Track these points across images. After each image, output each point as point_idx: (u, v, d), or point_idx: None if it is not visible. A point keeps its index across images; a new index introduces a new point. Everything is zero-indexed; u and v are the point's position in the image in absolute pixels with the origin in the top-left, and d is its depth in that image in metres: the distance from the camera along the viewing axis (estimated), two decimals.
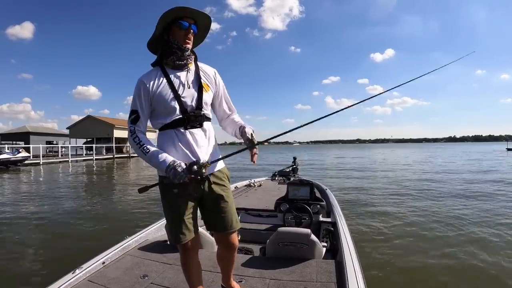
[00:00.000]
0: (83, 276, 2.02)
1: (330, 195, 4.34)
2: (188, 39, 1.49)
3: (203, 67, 1.61)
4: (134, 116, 1.48)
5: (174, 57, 1.49)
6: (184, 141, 1.47)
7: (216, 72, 1.65)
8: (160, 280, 2.04)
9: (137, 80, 1.50)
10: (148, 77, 1.48)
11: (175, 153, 1.46)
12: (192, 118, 1.48)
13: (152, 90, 1.46)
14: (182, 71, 1.52)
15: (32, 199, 9.42)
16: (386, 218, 6.30)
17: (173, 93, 1.46)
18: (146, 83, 1.47)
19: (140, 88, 1.47)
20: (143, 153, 1.46)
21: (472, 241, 4.81)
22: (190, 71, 1.54)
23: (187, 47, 1.49)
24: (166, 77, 1.48)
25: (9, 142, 36.60)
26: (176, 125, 1.48)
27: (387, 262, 3.98)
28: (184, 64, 1.51)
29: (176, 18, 1.45)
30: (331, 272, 2.06)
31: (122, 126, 41.93)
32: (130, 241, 2.63)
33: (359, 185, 11.71)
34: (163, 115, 1.49)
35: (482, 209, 6.98)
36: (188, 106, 1.49)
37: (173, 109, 1.46)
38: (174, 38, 1.48)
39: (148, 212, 7.25)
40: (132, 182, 14.06)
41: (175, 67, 1.51)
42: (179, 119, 1.47)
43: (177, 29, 1.47)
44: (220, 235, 1.64)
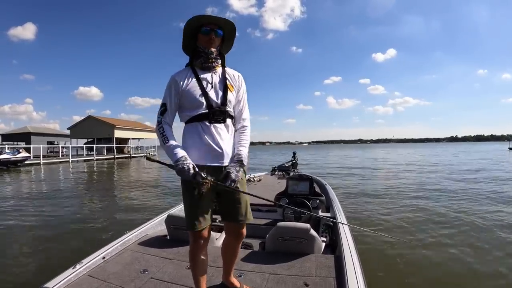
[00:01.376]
0: (84, 271, 2.04)
1: (329, 190, 4.33)
2: (211, 43, 1.64)
3: (229, 70, 1.76)
4: (163, 108, 1.63)
5: (201, 60, 1.65)
6: (209, 133, 1.60)
7: (241, 76, 1.79)
8: (160, 275, 2.05)
9: (170, 77, 1.66)
10: (179, 75, 1.65)
11: (199, 143, 1.60)
12: (217, 113, 1.62)
13: (182, 86, 1.62)
14: (209, 72, 1.67)
15: (31, 198, 9.43)
16: (386, 213, 6.31)
17: (201, 90, 1.61)
18: (177, 80, 1.63)
19: (172, 84, 1.63)
20: (163, 142, 1.58)
21: (471, 238, 4.82)
22: (216, 72, 1.70)
23: (211, 50, 1.64)
24: (195, 76, 1.64)
25: (10, 142, 36.61)
26: (202, 118, 1.61)
27: (386, 256, 3.99)
28: (211, 66, 1.67)
29: (200, 25, 1.62)
30: (330, 267, 2.08)
31: (123, 126, 41.95)
32: (130, 236, 2.66)
33: (359, 181, 11.81)
34: (191, 109, 1.62)
35: (483, 209, 6.91)
36: (214, 102, 1.62)
37: (200, 104, 1.60)
38: (199, 43, 1.66)
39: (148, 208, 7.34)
40: (132, 182, 14.03)
41: (203, 69, 1.67)
42: (205, 113, 1.61)
43: (201, 35, 1.64)
44: (232, 225, 1.74)
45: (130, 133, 43.41)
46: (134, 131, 44.87)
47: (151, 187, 12.12)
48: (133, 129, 44.56)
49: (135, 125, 47.07)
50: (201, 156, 1.60)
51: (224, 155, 1.63)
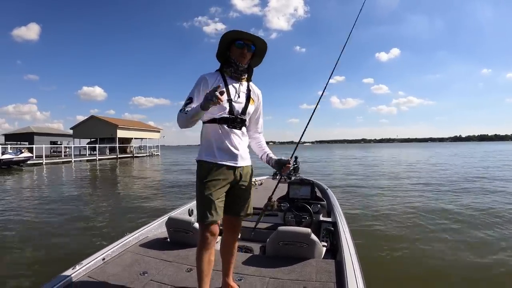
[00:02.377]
0: (83, 272, 2.05)
1: (330, 195, 4.33)
2: (243, 56, 1.76)
3: (253, 86, 1.90)
4: (188, 101, 1.70)
5: (232, 69, 1.78)
6: (228, 136, 1.74)
7: (261, 94, 1.95)
8: (160, 277, 2.05)
9: (199, 76, 1.78)
10: (210, 76, 1.76)
11: (219, 143, 1.73)
12: (237, 120, 1.76)
13: (211, 85, 1.69)
14: (237, 82, 1.80)
15: (32, 198, 9.37)
16: (387, 218, 6.22)
17: (227, 96, 1.72)
18: (207, 79, 1.74)
19: (201, 82, 1.74)
20: (185, 113, 1.63)
21: (475, 242, 4.71)
22: (243, 84, 1.82)
23: (242, 63, 1.78)
24: (225, 81, 1.76)
25: (13, 142, 36.70)
26: (222, 121, 1.73)
27: (387, 262, 3.97)
28: (239, 77, 1.79)
29: (235, 39, 1.74)
30: (331, 272, 2.08)
31: (126, 126, 41.92)
32: (130, 238, 2.65)
33: (361, 184, 11.54)
34: (215, 111, 1.70)
35: (491, 210, 6.73)
36: (235, 110, 1.75)
37: (223, 108, 1.71)
38: (232, 54, 1.77)
39: (149, 210, 7.34)
40: (134, 182, 13.92)
41: (232, 78, 1.79)
42: (226, 118, 1.73)
43: (234, 48, 1.76)
44: (231, 219, 1.86)
45: (133, 133, 43.39)
46: (137, 131, 44.84)
47: (153, 187, 11.99)
48: (136, 129, 44.52)
49: (138, 125, 47.06)
50: (219, 155, 1.73)
51: (239, 156, 1.77)
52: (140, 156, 39.88)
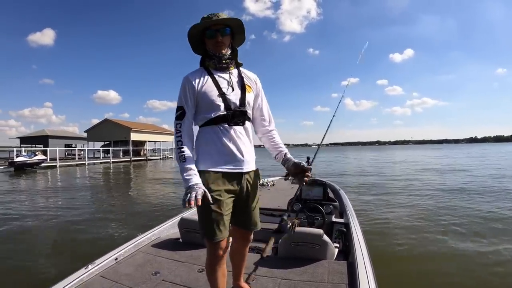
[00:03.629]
0: (96, 271, 2.04)
1: (343, 196, 4.30)
2: (220, 45, 1.51)
3: (245, 71, 1.65)
4: (180, 112, 1.50)
5: (214, 61, 1.54)
6: (228, 136, 1.49)
7: (257, 78, 1.68)
8: (172, 278, 2.05)
9: (183, 78, 1.55)
10: (194, 75, 1.54)
11: (218, 147, 1.49)
12: (237, 114, 1.51)
13: (197, 86, 1.50)
14: (225, 73, 1.56)
15: (46, 200, 9.34)
16: (400, 220, 6.06)
17: (218, 91, 1.50)
18: (191, 80, 1.51)
19: (186, 85, 1.52)
20: (179, 159, 1.45)
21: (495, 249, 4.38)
22: (232, 73, 1.58)
23: (222, 52, 1.53)
24: (211, 76, 1.53)
25: (28, 145, 37.17)
26: (220, 121, 1.49)
27: (400, 264, 3.91)
28: (226, 66, 1.55)
29: (204, 28, 1.51)
30: (343, 273, 2.06)
31: (139, 129, 41.96)
32: (143, 238, 2.66)
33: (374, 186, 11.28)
34: (208, 111, 1.50)
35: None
36: (232, 104, 1.51)
37: (217, 106, 1.49)
38: (208, 47, 1.54)
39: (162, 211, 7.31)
40: (148, 184, 13.72)
41: (218, 69, 1.55)
42: (223, 115, 1.49)
43: (207, 39, 1.53)
44: (242, 232, 1.67)
45: (146, 135, 43.39)
46: (150, 134, 44.83)
47: (167, 189, 11.71)
48: (149, 132, 44.50)
49: (151, 128, 47.09)
50: (220, 161, 1.49)
51: (244, 160, 1.53)
52: (154, 159, 39.75)
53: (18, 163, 21.67)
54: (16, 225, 6.07)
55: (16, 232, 5.58)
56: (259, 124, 1.70)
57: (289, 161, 1.60)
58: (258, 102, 1.66)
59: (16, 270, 3.80)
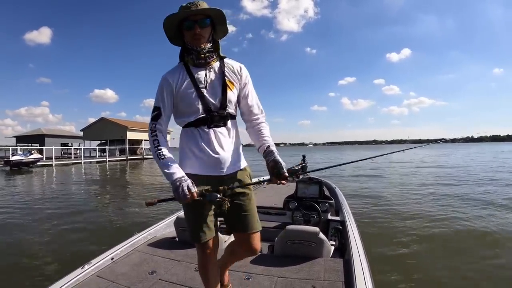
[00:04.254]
0: (92, 271, 2.04)
1: (339, 194, 4.32)
2: (198, 38, 1.40)
3: (229, 63, 1.53)
4: (156, 113, 1.46)
5: (193, 56, 1.44)
6: (207, 139, 1.44)
7: (243, 67, 1.55)
8: (168, 277, 2.05)
9: (161, 77, 1.48)
10: (172, 75, 1.46)
11: (197, 151, 1.44)
12: (216, 118, 1.44)
13: (175, 87, 1.44)
14: (204, 69, 1.46)
15: (41, 199, 9.30)
16: (396, 217, 6.14)
17: (196, 92, 1.43)
18: (169, 80, 1.45)
19: (163, 86, 1.45)
20: (157, 157, 1.40)
21: (487, 242, 4.60)
22: (212, 68, 1.48)
23: (200, 46, 1.42)
24: (189, 75, 1.45)
25: (24, 144, 37.04)
26: (200, 123, 1.44)
27: (395, 261, 3.92)
28: (205, 62, 1.45)
29: (181, 20, 1.40)
30: (339, 271, 2.07)
31: (136, 128, 41.91)
32: (139, 237, 2.65)
33: (369, 184, 11.34)
34: (187, 114, 1.46)
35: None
36: (212, 105, 1.45)
37: (196, 108, 1.43)
38: (186, 40, 1.44)
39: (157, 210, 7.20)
40: (143, 184, 13.72)
41: (196, 65, 1.46)
42: (202, 118, 1.44)
43: (184, 31, 1.43)
44: (241, 236, 1.57)
45: (142, 134, 43.31)
46: (147, 133, 44.52)
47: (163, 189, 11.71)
48: (145, 130, 44.20)
49: (147, 127, 46.75)
50: (199, 165, 1.45)
51: (226, 163, 1.46)
52: (150, 158, 39.73)
53: (13, 162, 21.65)
54: (10, 224, 6.01)
55: (11, 232, 5.51)
56: (247, 116, 1.57)
57: (272, 155, 1.42)
58: (243, 93, 1.53)
59: (11, 271, 3.76)
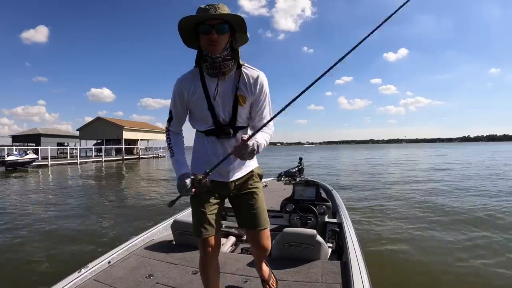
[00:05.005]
0: (89, 275, 2.04)
1: (336, 196, 4.31)
2: (214, 44, 1.32)
3: (246, 72, 1.46)
4: (169, 116, 1.55)
5: (207, 64, 1.39)
6: (214, 149, 1.49)
7: (261, 76, 1.47)
8: (166, 280, 2.04)
9: (176, 81, 1.49)
10: (185, 83, 1.46)
11: (205, 159, 1.50)
12: (225, 131, 1.46)
13: (187, 96, 1.46)
14: (217, 80, 1.42)
15: (35, 199, 9.21)
16: (393, 219, 6.15)
17: (207, 103, 1.43)
18: (182, 88, 1.46)
19: (176, 92, 1.48)
20: (170, 154, 1.54)
21: (485, 245, 4.57)
22: (226, 80, 1.43)
23: (215, 53, 1.34)
24: (203, 84, 1.43)
25: (20, 144, 36.82)
26: (209, 133, 1.48)
27: (393, 263, 3.92)
28: (218, 72, 1.39)
29: (198, 23, 1.33)
30: (337, 273, 2.06)
31: (132, 128, 41.79)
32: (136, 241, 2.64)
33: (367, 186, 11.28)
34: (198, 122, 1.51)
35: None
36: (221, 118, 1.46)
37: (206, 120, 1.46)
38: (202, 45, 1.37)
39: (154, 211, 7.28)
40: (140, 184, 13.66)
41: (210, 75, 1.42)
42: (212, 130, 1.47)
43: (200, 35, 1.35)
44: (250, 233, 1.66)
45: (139, 134, 43.28)
46: (143, 132, 44.68)
47: (159, 190, 11.79)
48: (142, 130, 44.35)
49: (144, 126, 46.89)
50: (205, 170, 1.40)
51: (229, 172, 1.53)
52: (146, 158, 39.69)
53: (9, 162, 21.47)
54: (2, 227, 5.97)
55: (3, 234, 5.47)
56: (254, 124, 1.53)
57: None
58: (256, 106, 1.49)
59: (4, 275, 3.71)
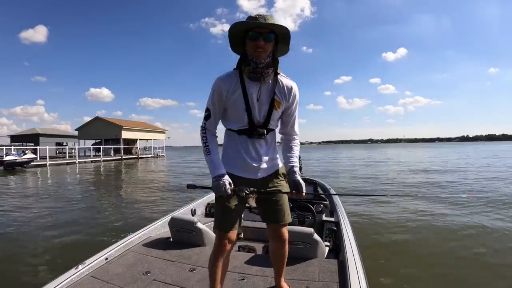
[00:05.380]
0: (86, 271, 2.05)
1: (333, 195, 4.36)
2: (259, 50, 1.45)
3: (282, 81, 1.59)
4: (206, 114, 1.59)
5: (250, 68, 1.49)
6: (246, 147, 1.59)
7: (294, 87, 1.63)
8: (163, 277, 2.05)
9: (215, 80, 1.56)
10: (225, 83, 1.53)
11: (236, 155, 1.61)
12: (258, 132, 1.57)
13: (226, 95, 1.53)
14: (257, 84, 1.53)
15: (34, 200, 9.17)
16: (390, 219, 6.14)
17: (245, 105, 1.52)
18: (221, 88, 1.53)
19: (215, 91, 1.54)
20: (205, 152, 1.59)
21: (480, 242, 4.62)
22: (265, 85, 1.55)
23: (260, 59, 1.47)
24: (242, 86, 1.52)
25: (19, 143, 36.73)
26: (242, 132, 1.58)
27: (389, 262, 3.94)
28: (259, 76, 1.50)
29: (247, 29, 1.46)
30: (334, 272, 2.08)
31: (131, 127, 41.76)
32: (133, 238, 2.65)
33: (364, 184, 11.37)
34: (232, 122, 1.60)
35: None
36: (256, 120, 1.56)
37: (241, 120, 1.56)
38: (248, 50, 1.49)
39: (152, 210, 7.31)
40: (138, 184, 13.61)
41: (251, 79, 1.52)
42: (245, 130, 1.57)
43: (248, 41, 1.48)
44: (272, 227, 1.74)
45: (137, 133, 43.26)
46: (142, 132, 44.65)
47: (158, 189, 11.76)
48: (140, 130, 44.31)
49: (142, 126, 46.86)
50: (237, 166, 1.61)
51: (258, 170, 1.63)
52: (145, 157, 39.67)
53: (7, 162, 21.39)
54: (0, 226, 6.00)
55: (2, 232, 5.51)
56: (285, 132, 1.72)
57: (293, 175, 1.62)
58: (288, 112, 1.65)
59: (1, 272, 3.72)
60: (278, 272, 1.89)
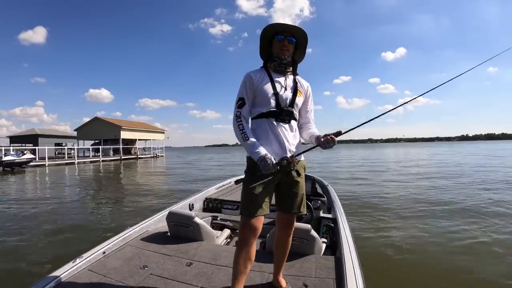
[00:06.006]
0: (84, 265, 2.06)
1: (331, 191, 4.33)
2: (285, 49, 1.77)
3: (300, 80, 1.89)
4: (240, 102, 1.75)
5: (275, 63, 1.80)
6: (274, 131, 1.74)
7: (309, 86, 1.93)
8: (160, 271, 2.06)
9: (244, 74, 1.80)
10: (255, 73, 1.79)
11: (266, 140, 1.72)
12: (284, 113, 1.76)
13: (256, 83, 1.76)
14: (282, 76, 1.81)
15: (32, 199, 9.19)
16: (387, 215, 6.22)
17: (273, 90, 1.75)
18: (253, 77, 1.76)
19: (247, 80, 1.76)
20: (243, 139, 1.68)
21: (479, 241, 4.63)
22: (288, 77, 1.83)
23: (285, 56, 1.78)
24: (269, 76, 1.79)
25: (18, 144, 36.67)
26: (270, 115, 1.74)
27: (386, 259, 3.97)
28: (284, 70, 1.81)
29: (274, 33, 1.77)
30: (330, 268, 2.09)
31: (130, 128, 41.66)
32: (131, 232, 2.66)
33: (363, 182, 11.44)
34: (261, 106, 1.75)
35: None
36: (283, 103, 1.76)
37: (269, 102, 1.74)
38: (274, 50, 1.80)
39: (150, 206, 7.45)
40: (137, 184, 13.63)
41: (276, 71, 1.81)
42: (273, 111, 1.74)
43: (275, 42, 1.79)
44: (284, 216, 1.84)
45: (137, 134, 43.16)
46: (141, 132, 44.54)
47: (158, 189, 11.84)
48: (139, 130, 44.22)
49: (142, 126, 46.75)
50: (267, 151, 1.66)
51: (287, 151, 1.72)
52: (144, 158, 39.62)
53: (6, 162, 21.35)
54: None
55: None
56: (303, 122, 1.91)
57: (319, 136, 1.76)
58: (306, 106, 1.90)
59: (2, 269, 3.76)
60: (278, 267, 1.92)
